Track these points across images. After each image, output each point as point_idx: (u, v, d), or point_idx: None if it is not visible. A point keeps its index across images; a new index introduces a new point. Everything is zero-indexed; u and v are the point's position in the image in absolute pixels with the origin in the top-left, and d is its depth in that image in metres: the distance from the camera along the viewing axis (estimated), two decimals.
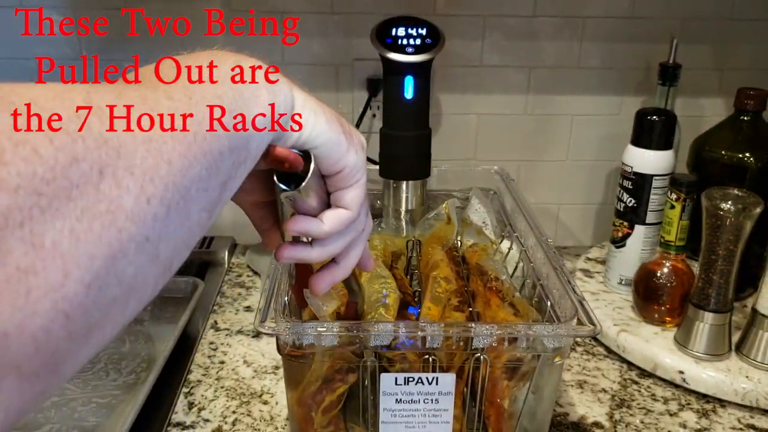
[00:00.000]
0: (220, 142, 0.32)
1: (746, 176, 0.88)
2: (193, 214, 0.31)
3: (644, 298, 0.86)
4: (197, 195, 0.31)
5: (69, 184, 0.24)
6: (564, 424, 0.73)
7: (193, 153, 0.30)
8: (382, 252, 0.78)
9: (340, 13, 1.01)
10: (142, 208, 0.27)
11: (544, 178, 1.12)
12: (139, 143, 0.27)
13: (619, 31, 1.04)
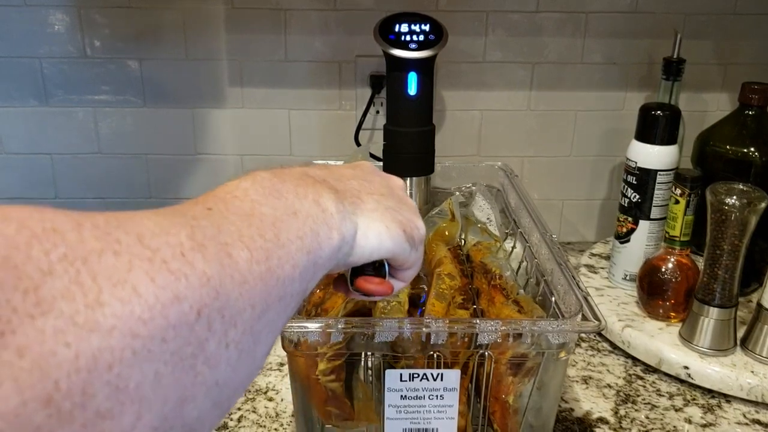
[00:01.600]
0: (293, 286, 0.32)
1: (751, 171, 0.88)
2: (258, 358, 0.30)
3: (649, 294, 0.86)
4: (266, 338, 0.30)
5: (166, 323, 0.23)
6: (569, 420, 0.73)
7: (272, 297, 0.30)
8: None
9: (343, 10, 1.01)
10: (220, 353, 0.26)
11: (548, 173, 1.12)
12: (235, 284, 0.27)
13: (623, 27, 1.04)
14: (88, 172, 1.09)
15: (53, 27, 1.01)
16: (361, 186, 0.44)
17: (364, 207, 0.42)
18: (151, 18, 1.01)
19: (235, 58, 1.04)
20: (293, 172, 0.39)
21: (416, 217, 0.46)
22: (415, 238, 0.45)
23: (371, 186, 0.45)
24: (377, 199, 0.43)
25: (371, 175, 0.47)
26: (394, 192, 0.47)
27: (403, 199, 0.47)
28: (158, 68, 1.04)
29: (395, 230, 0.43)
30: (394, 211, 0.44)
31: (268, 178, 0.36)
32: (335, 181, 0.42)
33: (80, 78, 1.04)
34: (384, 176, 0.48)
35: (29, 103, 1.05)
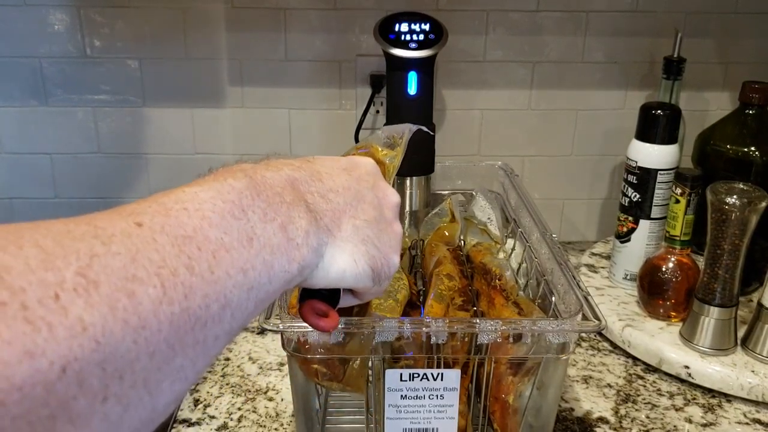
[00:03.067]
0: (218, 327, 0.29)
1: (751, 170, 0.88)
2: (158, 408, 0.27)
3: (649, 293, 0.86)
4: (171, 387, 0.27)
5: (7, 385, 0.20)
6: (569, 420, 0.73)
7: (185, 341, 0.27)
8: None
9: (343, 9, 1.01)
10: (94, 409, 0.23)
11: (549, 173, 1.12)
12: (129, 330, 0.24)
13: (623, 26, 1.04)
14: (87, 172, 1.09)
15: (53, 27, 1.01)
16: (346, 204, 0.41)
17: (338, 234, 0.39)
18: (151, 17, 1.01)
19: (235, 58, 1.04)
20: (278, 180, 0.36)
21: (394, 250, 0.44)
22: (381, 276, 0.43)
23: (359, 205, 0.42)
24: (357, 225, 0.41)
25: (365, 188, 0.44)
26: (383, 214, 0.44)
27: (389, 225, 0.44)
28: (158, 68, 1.04)
29: (362, 267, 0.40)
30: (371, 243, 0.41)
31: (239, 189, 0.33)
32: (321, 195, 0.39)
33: (80, 78, 1.04)
34: (379, 190, 0.46)
35: (29, 102, 1.05)
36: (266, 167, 0.37)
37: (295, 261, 0.35)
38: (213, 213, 0.30)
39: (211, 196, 0.31)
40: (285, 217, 0.34)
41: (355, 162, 0.46)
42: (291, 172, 0.38)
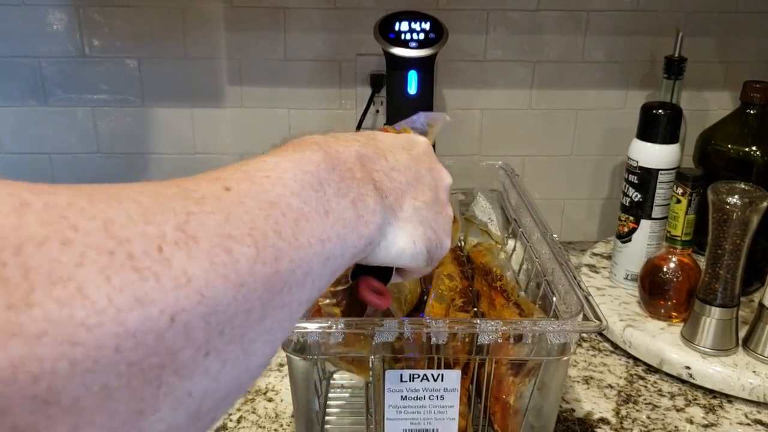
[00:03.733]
0: (301, 294, 0.29)
1: (753, 170, 0.88)
2: (252, 368, 0.27)
3: (650, 294, 0.86)
4: (262, 349, 0.27)
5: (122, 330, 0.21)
6: (570, 420, 0.73)
7: (274, 303, 0.27)
8: None
9: (343, 8, 1.01)
10: (197, 362, 0.23)
11: (549, 173, 1.12)
12: (229, 287, 0.24)
13: (624, 25, 1.04)
14: (87, 172, 1.09)
15: (52, 26, 1.01)
16: (408, 184, 0.41)
17: (400, 214, 0.40)
18: (150, 17, 1.01)
19: (234, 57, 1.03)
20: (348, 155, 0.37)
21: (447, 232, 0.45)
22: (434, 257, 0.43)
23: (418, 186, 0.43)
24: (417, 206, 0.42)
25: (424, 168, 0.44)
26: (439, 196, 0.45)
27: (443, 207, 0.45)
28: (157, 67, 1.04)
29: (420, 247, 0.41)
30: (428, 225, 0.42)
31: (317, 162, 0.33)
32: (385, 173, 0.40)
33: (79, 77, 1.04)
34: (435, 171, 0.46)
35: (28, 102, 1.05)
36: (336, 141, 0.38)
37: (363, 237, 0.35)
38: (294, 182, 0.31)
39: (292, 166, 0.32)
40: (356, 194, 0.35)
41: (413, 141, 0.46)
42: (359, 148, 0.39)
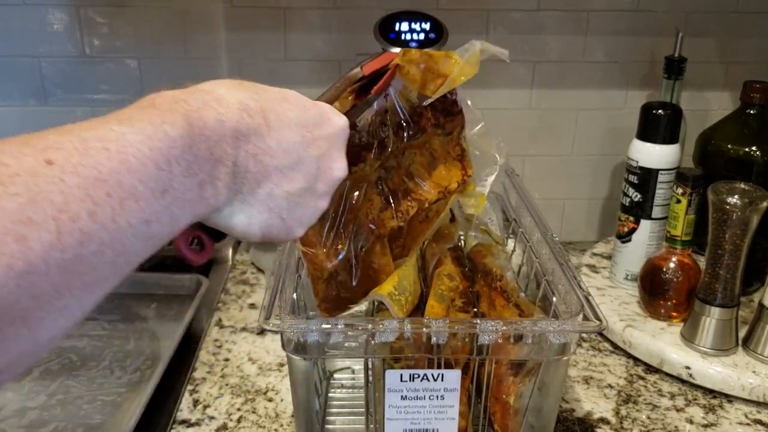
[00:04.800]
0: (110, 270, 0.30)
1: (753, 170, 0.88)
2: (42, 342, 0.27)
3: (650, 294, 0.86)
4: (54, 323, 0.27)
5: None
6: (570, 420, 0.73)
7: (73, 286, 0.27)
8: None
9: (343, 8, 1.01)
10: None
11: (549, 172, 1.12)
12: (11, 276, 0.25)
13: (624, 25, 1.04)
14: None
15: (52, 26, 1.01)
16: (276, 168, 0.40)
17: (248, 197, 0.39)
18: (151, 17, 1.01)
19: (234, 57, 1.03)
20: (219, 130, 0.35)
21: (302, 224, 0.43)
22: (273, 240, 0.42)
23: (290, 173, 0.41)
24: (274, 193, 0.40)
25: (312, 155, 0.42)
26: (314, 187, 0.43)
27: (314, 199, 0.43)
28: (157, 67, 1.04)
29: (254, 230, 0.40)
30: (277, 214, 0.41)
31: (172, 138, 0.32)
32: (253, 155, 0.38)
33: (79, 77, 1.04)
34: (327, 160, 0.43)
35: (28, 102, 1.05)
36: (219, 104, 0.36)
37: (198, 214, 0.35)
38: (135, 158, 0.30)
39: (140, 140, 0.30)
40: (206, 175, 0.34)
41: (324, 120, 0.44)
42: (239, 121, 0.37)
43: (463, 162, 0.66)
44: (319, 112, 0.44)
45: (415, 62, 0.58)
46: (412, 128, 0.61)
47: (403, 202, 0.64)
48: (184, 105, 0.34)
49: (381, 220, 0.63)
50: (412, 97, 0.61)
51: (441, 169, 0.65)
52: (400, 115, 0.60)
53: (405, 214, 0.64)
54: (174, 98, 0.35)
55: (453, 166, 0.65)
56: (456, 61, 0.58)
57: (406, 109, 0.61)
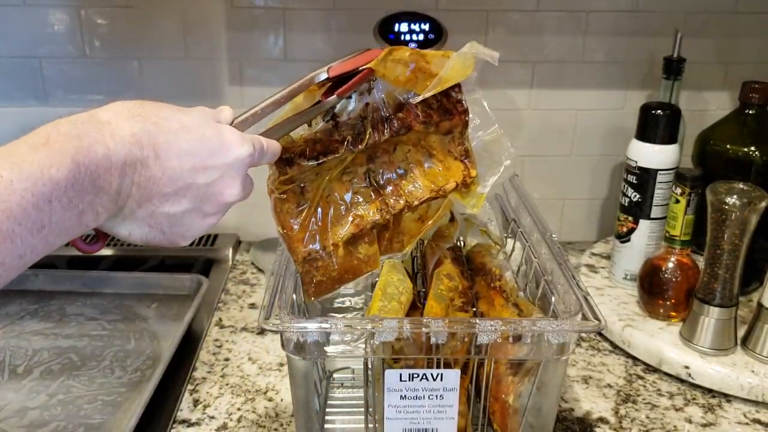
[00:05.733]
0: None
1: (751, 170, 0.88)
2: None
3: (649, 293, 0.86)
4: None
5: None
6: (569, 420, 0.73)
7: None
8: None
9: (343, 9, 1.01)
10: None
11: (549, 173, 1.12)
12: None
13: (623, 25, 1.04)
14: None
15: (53, 27, 1.01)
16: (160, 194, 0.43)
17: (129, 214, 0.42)
18: (151, 17, 1.01)
19: (234, 58, 1.04)
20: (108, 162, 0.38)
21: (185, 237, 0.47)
22: (163, 244, 0.46)
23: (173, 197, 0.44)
24: (155, 213, 0.43)
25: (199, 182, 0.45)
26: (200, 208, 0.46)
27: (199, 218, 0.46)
28: (158, 68, 1.04)
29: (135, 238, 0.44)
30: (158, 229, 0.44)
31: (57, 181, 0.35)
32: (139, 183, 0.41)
33: (80, 78, 1.04)
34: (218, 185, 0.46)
35: (29, 103, 1.05)
36: (110, 140, 0.39)
37: (76, 235, 0.38)
38: (17, 205, 0.33)
39: (24, 187, 0.33)
40: (87, 205, 0.37)
41: (223, 149, 0.46)
42: (127, 155, 0.40)
43: (467, 162, 0.66)
44: (218, 142, 0.46)
45: (403, 62, 0.58)
46: (394, 125, 0.61)
47: (389, 197, 0.64)
48: (76, 142, 0.37)
49: (363, 212, 0.64)
50: (399, 95, 0.61)
51: (438, 168, 0.65)
52: (383, 111, 0.61)
53: (391, 209, 0.64)
54: (67, 135, 0.37)
55: (453, 165, 0.65)
56: (448, 63, 0.59)
57: (391, 105, 0.61)
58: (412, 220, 0.67)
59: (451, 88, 0.61)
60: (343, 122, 0.60)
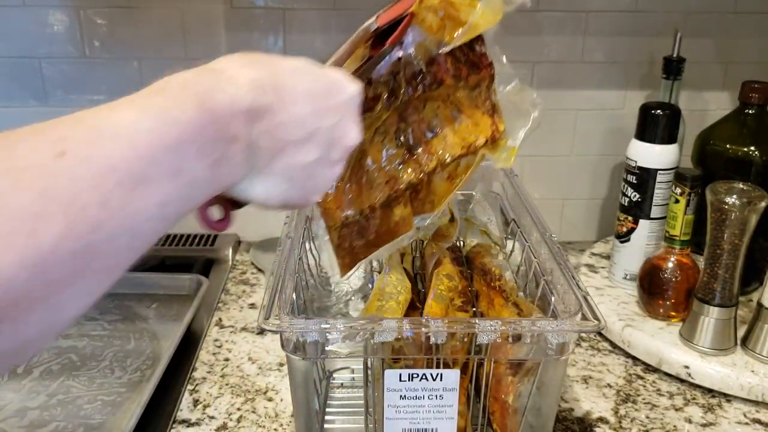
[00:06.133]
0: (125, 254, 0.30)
1: (751, 170, 0.88)
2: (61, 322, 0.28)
3: (649, 293, 0.86)
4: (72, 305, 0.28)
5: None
6: (569, 420, 0.73)
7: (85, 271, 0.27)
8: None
9: (343, 9, 1.01)
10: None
11: (548, 173, 1.12)
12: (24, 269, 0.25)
13: (623, 25, 1.04)
14: None
15: (53, 27, 1.01)
16: (291, 142, 0.39)
17: (265, 169, 0.39)
18: (151, 18, 1.01)
19: None
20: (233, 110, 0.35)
21: (318, 192, 0.44)
22: (292, 208, 0.44)
23: (305, 144, 0.40)
24: (291, 165, 0.40)
25: (326, 125, 0.41)
26: (328, 155, 0.42)
27: (328, 167, 0.43)
28: (158, 68, 1.03)
29: (274, 200, 0.41)
30: (295, 184, 0.41)
31: (183, 123, 0.32)
32: (269, 131, 0.37)
33: (80, 78, 1.04)
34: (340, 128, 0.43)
35: (29, 103, 1.05)
36: (229, 85, 0.36)
37: (215, 191, 0.35)
38: (146, 145, 0.30)
39: (149, 127, 0.30)
40: (220, 154, 0.34)
41: (336, 88, 0.43)
42: (252, 100, 0.36)
43: (494, 117, 0.63)
44: (330, 81, 0.43)
45: (433, 9, 0.56)
46: (427, 79, 0.59)
47: (422, 156, 0.62)
48: (195, 88, 0.34)
49: (397, 173, 0.62)
50: (430, 47, 0.59)
51: (467, 124, 0.63)
52: (415, 65, 0.59)
53: (424, 167, 0.62)
54: (185, 81, 0.35)
55: (482, 121, 0.63)
56: (477, 9, 0.57)
57: (423, 59, 0.59)
58: (442, 179, 0.65)
59: (474, 41, 0.59)
60: (376, 79, 0.57)
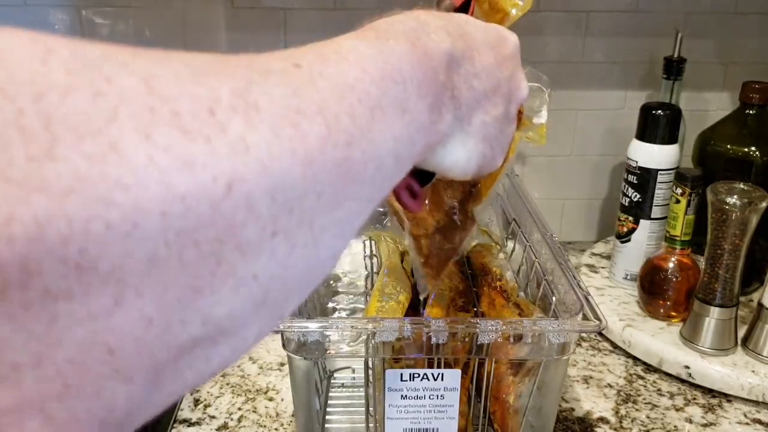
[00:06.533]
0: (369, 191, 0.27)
1: (752, 170, 0.88)
2: (322, 259, 0.25)
3: (650, 293, 0.86)
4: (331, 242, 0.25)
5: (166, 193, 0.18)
6: (570, 420, 0.73)
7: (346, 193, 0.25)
8: (395, 249, 0.78)
9: (343, 9, 1.01)
10: (263, 241, 0.21)
11: (549, 173, 1.12)
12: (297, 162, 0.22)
13: (624, 26, 1.04)
14: None
15: (53, 27, 1.01)
16: (484, 94, 0.37)
17: (466, 127, 0.36)
18: (151, 18, 1.01)
19: None
20: (436, 53, 0.32)
21: (503, 151, 0.41)
22: (481, 173, 0.40)
23: (493, 97, 0.38)
24: (485, 121, 0.37)
25: (503, 77, 0.39)
26: (509, 110, 0.40)
27: (509, 124, 0.40)
28: None
29: (472, 165, 0.38)
30: (488, 143, 0.38)
31: (400, 54, 0.29)
32: (465, 80, 0.35)
33: None
34: (514, 80, 0.40)
35: None
36: (426, 33, 0.33)
37: (427, 145, 0.32)
38: (374, 69, 0.27)
39: (372, 54, 0.28)
40: (434, 98, 0.31)
41: (503, 37, 0.41)
42: (450, 45, 0.34)
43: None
44: (495, 31, 0.41)
45: None
46: None
47: None
48: (400, 27, 0.32)
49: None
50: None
51: None
52: None
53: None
54: (391, 21, 0.33)
55: None
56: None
57: None
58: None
59: None
60: None
